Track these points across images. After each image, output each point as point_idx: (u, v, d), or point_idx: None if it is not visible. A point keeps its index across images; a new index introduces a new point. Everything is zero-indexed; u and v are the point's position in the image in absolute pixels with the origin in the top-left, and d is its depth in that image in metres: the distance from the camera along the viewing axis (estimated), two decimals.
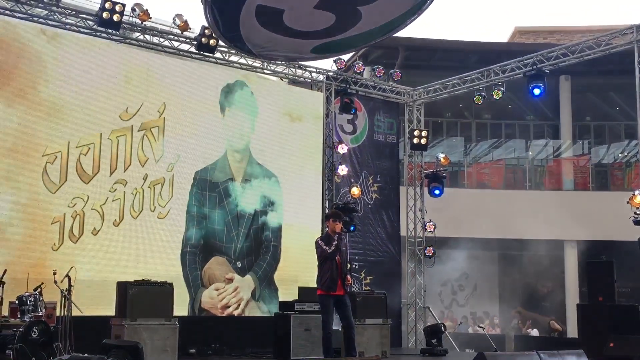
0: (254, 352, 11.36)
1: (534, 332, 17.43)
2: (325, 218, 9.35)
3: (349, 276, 9.10)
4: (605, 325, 10.97)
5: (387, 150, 15.20)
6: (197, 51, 12.40)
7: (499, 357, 6.37)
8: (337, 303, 8.93)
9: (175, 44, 12.37)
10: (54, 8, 11.10)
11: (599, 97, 22.70)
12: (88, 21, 11.39)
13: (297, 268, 13.29)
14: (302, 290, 12.44)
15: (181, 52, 12.49)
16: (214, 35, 11.73)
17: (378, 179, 14.91)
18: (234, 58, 13.02)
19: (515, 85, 15.15)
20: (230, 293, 12.38)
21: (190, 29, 12.00)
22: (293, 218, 13.41)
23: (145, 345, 8.63)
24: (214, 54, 12.53)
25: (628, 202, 12.14)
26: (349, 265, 9.21)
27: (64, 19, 11.25)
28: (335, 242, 8.81)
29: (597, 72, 19.86)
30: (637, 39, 12.32)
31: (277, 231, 13.18)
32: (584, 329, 11.56)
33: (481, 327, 16.18)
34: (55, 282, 8.84)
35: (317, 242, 9.09)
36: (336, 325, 12.53)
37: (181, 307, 11.15)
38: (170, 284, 9.52)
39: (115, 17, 11.14)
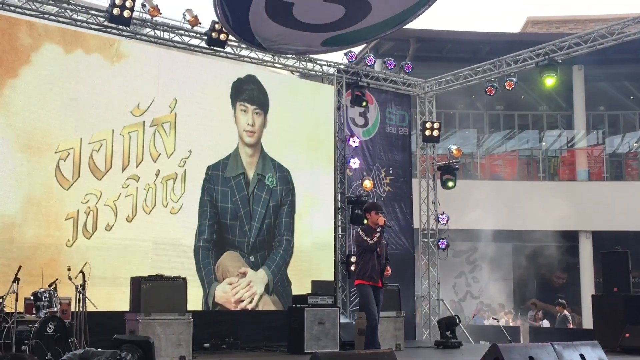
0: (268, 346, 11.38)
1: (545, 324, 17.35)
2: (366, 210, 9.13)
3: (388, 267, 9.00)
4: (620, 316, 10.91)
5: (399, 142, 15.15)
6: (207, 46, 12.39)
7: (513, 348, 6.33)
8: (374, 294, 8.85)
9: (186, 39, 12.37)
10: (65, 5, 11.13)
11: (613, 87, 22.54)
12: (99, 18, 11.42)
13: (310, 262, 13.31)
14: (316, 284, 12.48)
15: (192, 47, 12.49)
16: (224, 29, 11.72)
17: (390, 172, 14.86)
18: (244, 52, 13.01)
19: (527, 76, 15.05)
20: (244, 287, 12.40)
21: (200, 24, 11.98)
22: (305, 212, 13.41)
23: (159, 340, 8.69)
24: (224, 48, 12.53)
25: None
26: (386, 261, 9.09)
27: (74, 15, 11.28)
28: (377, 235, 8.73)
29: (610, 61, 19.71)
30: None
31: (290, 225, 13.18)
32: (599, 320, 11.50)
33: (495, 319, 16.13)
34: (70, 278, 8.88)
35: (357, 233, 8.99)
36: (349, 319, 12.54)
37: (195, 302, 11.20)
38: (184, 279, 9.55)
39: (126, 13, 11.15)
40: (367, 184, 14.00)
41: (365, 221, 9.35)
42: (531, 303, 20.13)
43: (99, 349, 6.96)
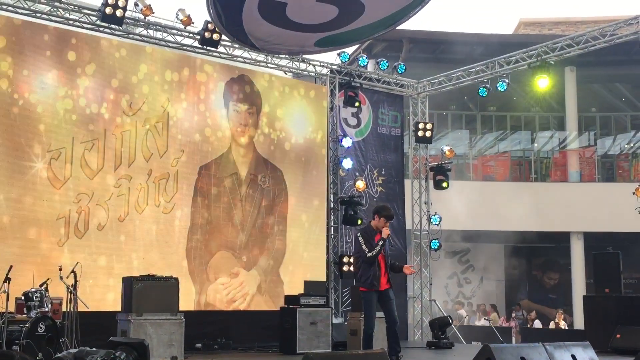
0: (260, 346, 11.37)
1: (537, 324, 17.43)
2: (376, 211, 8.75)
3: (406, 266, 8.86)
4: (611, 317, 10.95)
5: (392, 143, 15.17)
6: (200, 46, 12.37)
7: (505, 349, 6.35)
8: (380, 297, 8.63)
9: (179, 38, 12.35)
10: (57, 4, 11.09)
11: (605, 88, 22.61)
12: (91, 17, 11.38)
13: (303, 262, 13.30)
14: (308, 284, 12.48)
15: (184, 47, 12.47)
16: (217, 29, 11.70)
17: (383, 172, 14.88)
18: (237, 52, 13.00)
19: (520, 77, 15.07)
20: (236, 287, 12.39)
21: (193, 23, 11.95)
22: (298, 212, 13.40)
23: (151, 340, 8.65)
24: (217, 48, 12.51)
25: (634, 193, 12.12)
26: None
27: (67, 14, 11.25)
28: (377, 248, 8.41)
29: (602, 62, 19.76)
30: None
31: (282, 225, 13.17)
32: (591, 321, 11.54)
33: (487, 319, 16.18)
34: (61, 277, 8.85)
35: (357, 239, 8.69)
36: (341, 319, 12.54)
37: (187, 302, 11.18)
38: (176, 279, 9.53)
39: (118, 13, 11.11)
40: (360, 184, 14.01)
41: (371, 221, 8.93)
42: (518, 304, 20.19)
43: (94, 348, 6.94)
